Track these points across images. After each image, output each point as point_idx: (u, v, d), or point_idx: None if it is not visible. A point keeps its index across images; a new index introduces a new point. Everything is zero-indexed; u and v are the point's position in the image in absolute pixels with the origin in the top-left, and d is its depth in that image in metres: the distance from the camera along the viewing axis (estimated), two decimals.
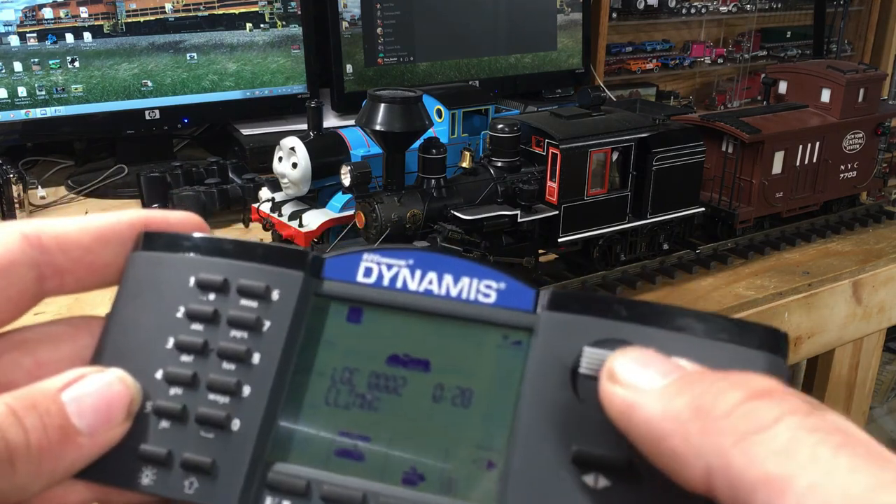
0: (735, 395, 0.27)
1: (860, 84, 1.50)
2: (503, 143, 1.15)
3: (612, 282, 1.25)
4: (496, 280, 0.36)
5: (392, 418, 0.34)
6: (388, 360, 0.35)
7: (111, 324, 0.36)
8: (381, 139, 1.08)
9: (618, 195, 1.21)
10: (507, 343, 0.35)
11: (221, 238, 0.37)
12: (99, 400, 0.32)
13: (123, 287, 0.37)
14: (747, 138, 1.37)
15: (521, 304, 0.35)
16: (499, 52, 2.00)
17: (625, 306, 0.33)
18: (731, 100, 2.71)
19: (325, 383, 0.35)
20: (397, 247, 0.36)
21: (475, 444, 0.33)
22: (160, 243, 0.37)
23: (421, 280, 0.36)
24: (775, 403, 0.26)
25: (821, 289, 1.34)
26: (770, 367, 0.31)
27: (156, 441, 0.34)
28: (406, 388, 0.34)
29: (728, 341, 0.32)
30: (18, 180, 1.45)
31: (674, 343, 0.32)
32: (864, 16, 2.98)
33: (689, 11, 2.62)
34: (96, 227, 0.36)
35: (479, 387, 0.34)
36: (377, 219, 1.07)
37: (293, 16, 1.75)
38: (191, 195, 1.43)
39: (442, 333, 0.35)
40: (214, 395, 0.34)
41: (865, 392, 1.67)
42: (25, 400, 0.31)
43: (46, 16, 1.54)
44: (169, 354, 0.35)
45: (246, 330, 0.35)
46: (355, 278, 0.36)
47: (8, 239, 0.34)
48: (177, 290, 0.36)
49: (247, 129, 1.75)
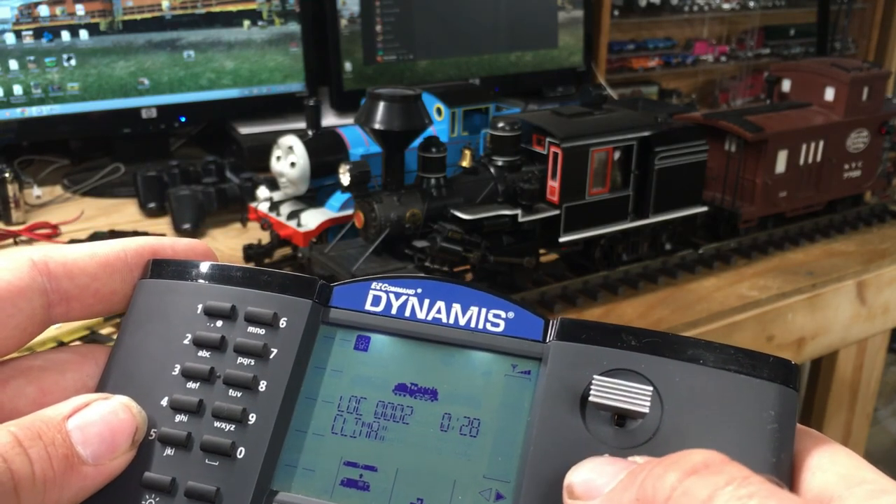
0: (671, 477, 0.27)
1: (864, 82, 1.49)
2: (504, 141, 1.14)
3: (614, 282, 1.24)
4: (505, 309, 0.36)
5: (399, 448, 0.34)
6: (395, 389, 0.35)
7: (118, 351, 0.36)
8: (380, 138, 1.07)
9: (620, 194, 1.20)
10: (516, 372, 0.35)
11: (229, 265, 0.37)
12: (104, 428, 0.32)
13: (130, 314, 0.37)
14: (750, 137, 1.36)
15: (530, 333, 0.35)
16: (499, 49, 1.98)
17: (634, 336, 0.33)
18: (734, 98, 2.70)
19: (331, 412, 0.35)
20: (406, 276, 0.37)
21: (483, 474, 0.33)
22: (168, 271, 0.37)
23: (429, 309, 0.36)
24: (711, 476, 0.27)
25: (825, 289, 1.33)
26: (781, 398, 0.31)
27: (160, 468, 0.33)
28: (413, 418, 0.34)
29: (739, 372, 0.32)
30: (14, 179, 1.44)
31: (684, 374, 0.32)
32: (867, 13, 2.97)
33: (691, 9, 2.61)
34: (103, 254, 0.37)
35: (487, 416, 0.34)
36: (376, 218, 1.06)
37: (291, 13, 1.74)
38: (188, 194, 1.42)
39: (450, 362, 0.35)
40: (220, 423, 0.34)
41: (870, 393, 1.66)
42: (30, 429, 0.31)
43: (42, 13, 1.53)
44: (175, 381, 0.35)
45: (253, 357, 0.35)
46: (363, 307, 0.36)
47: (16, 265, 0.34)
48: (184, 317, 0.36)
49: (245, 127, 1.74)
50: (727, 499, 0.26)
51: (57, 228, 1.42)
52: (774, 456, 0.30)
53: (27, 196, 1.52)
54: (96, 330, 1.01)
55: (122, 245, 0.37)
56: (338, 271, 1.07)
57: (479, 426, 0.34)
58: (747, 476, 0.27)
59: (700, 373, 0.32)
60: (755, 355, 0.32)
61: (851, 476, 0.29)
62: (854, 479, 0.29)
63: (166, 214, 1.46)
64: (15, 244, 1.36)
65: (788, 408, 0.31)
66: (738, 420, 0.30)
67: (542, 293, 1.18)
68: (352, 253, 1.11)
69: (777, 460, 0.30)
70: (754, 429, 0.31)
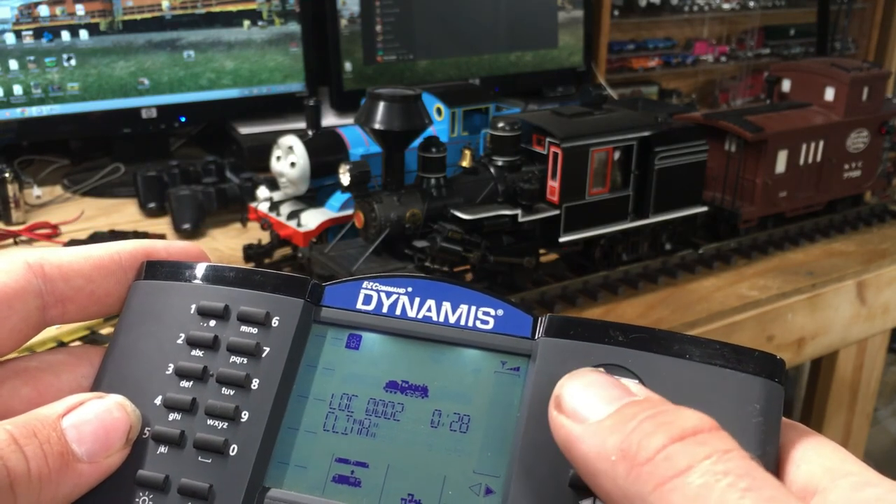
0: (659, 438, 0.27)
1: (864, 82, 1.49)
2: (504, 141, 1.14)
3: (614, 282, 1.24)
4: (494, 307, 0.36)
5: (390, 444, 0.34)
6: (386, 387, 0.35)
7: (112, 351, 0.37)
8: (380, 138, 1.07)
9: (619, 195, 1.20)
10: (505, 369, 0.35)
11: (223, 266, 0.38)
12: (98, 426, 0.33)
13: (125, 315, 0.37)
14: (750, 137, 1.36)
15: (520, 330, 0.35)
16: (499, 49, 1.98)
17: (622, 332, 0.34)
18: (734, 98, 2.70)
19: (323, 409, 0.35)
20: (397, 274, 0.37)
21: (473, 469, 0.34)
22: (162, 272, 0.38)
23: (420, 307, 0.36)
24: (694, 446, 0.27)
25: (825, 289, 1.33)
26: (766, 392, 0.32)
27: (153, 466, 0.34)
28: (404, 414, 0.35)
29: (725, 367, 0.32)
30: (14, 179, 1.44)
31: (670, 368, 0.33)
32: (867, 13, 2.97)
33: (691, 9, 2.61)
34: (98, 256, 0.37)
35: (476, 412, 0.35)
36: (376, 218, 1.06)
37: (291, 13, 1.74)
38: (188, 194, 1.42)
39: (440, 360, 0.36)
40: (213, 421, 0.34)
41: (870, 394, 1.66)
42: (26, 427, 0.31)
43: (42, 13, 1.53)
44: (168, 380, 0.35)
45: (245, 356, 0.35)
46: (355, 305, 0.37)
47: (12, 268, 0.34)
48: (178, 317, 0.36)
49: (245, 127, 1.74)
50: (703, 472, 0.26)
51: (57, 228, 1.42)
52: (760, 449, 0.31)
53: (27, 196, 1.52)
54: (96, 330, 1.01)
55: (116, 247, 0.38)
56: (338, 271, 1.07)
57: (469, 422, 0.34)
58: (728, 450, 0.27)
59: (686, 367, 0.33)
60: (741, 350, 0.33)
61: (836, 468, 0.30)
62: (839, 472, 0.29)
63: (166, 214, 1.46)
64: (15, 244, 1.36)
65: (774, 402, 0.32)
66: (723, 413, 0.30)
67: (542, 293, 1.18)
68: (352, 253, 1.11)
69: (762, 453, 0.31)
70: (740, 422, 0.31)
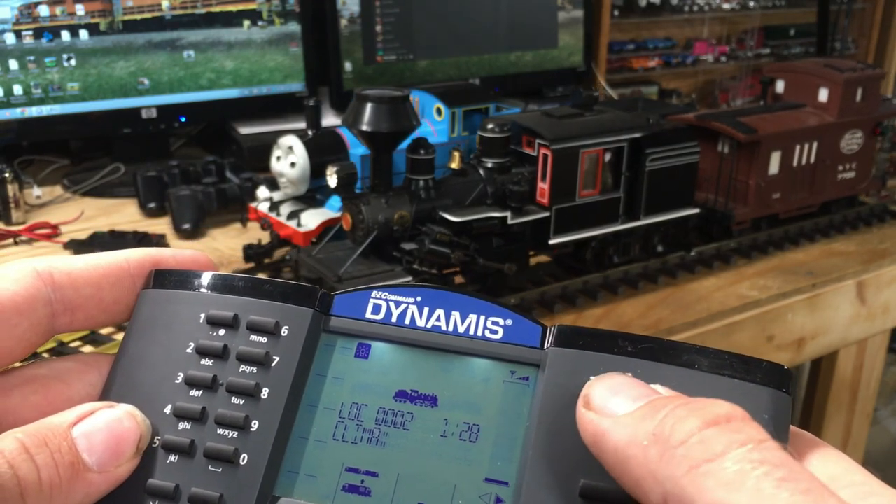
0: (692, 422, 0.27)
1: (858, 83, 1.49)
2: (493, 143, 1.13)
3: (614, 282, 1.24)
4: (503, 317, 0.36)
5: (400, 453, 0.34)
6: (395, 396, 0.36)
7: (121, 359, 0.37)
8: (367, 139, 1.07)
9: (610, 196, 1.20)
10: (515, 379, 0.35)
11: (231, 275, 0.38)
12: (109, 436, 0.33)
13: (134, 324, 0.37)
14: (743, 138, 1.36)
15: (529, 340, 0.36)
16: (499, 49, 1.99)
17: (631, 342, 0.34)
18: (734, 98, 2.69)
19: (333, 418, 0.35)
20: (406, 284, 0.38)
21: (483, 478, 0.34)
22: (170, 281, 0.38)
23: (429, 317, 0.36)
24: (729, 432, 0.27)
25: (824, 289, 1.33)
26: (775, 403, 0.32)
27: (164, 475, 0.34)
28: (414, 424, 0.35)
29: (733, 377, 0.33)
30: (14, 179, 1.45)
31: (679, 379, 0.32)
32: (867, 13, 2.96)
33: (691, 9, 2.61)
34: (106, 264, 0.37)
35: (486, 422, 0.35)
36: (364, 220, 1.06)
37: (291, 13, 1.74)
38: (188, 194, 1.42)
39: (449, 369, 0.36)
40: (223, 430, 0.34)
41: (870, 393, 1.66)
42: (37, 436, 0.31)
43: (42, 13, 1.53)
44: (178, 389, 0.35)
45: (255, 365, 0.35)
46: (364, 315, 0.37)
47: (21, 276, 0.35)
48: (187, 326, 0.37)
49: (245, 127, 1.74)
50: (739, 458, 0.26)
51: (57, 228, 1.43)
52: None
53: (27, 196, 1.52)
54: (96, 330, 1.02)
55: (125, 256, 0.38)
56: (325, 274, 1.06)
57: (479, 431, 0.34)
58: (764, 440, 0.27)
59: (694, 377, 0.33)
60: (749, 360, 0.33)
61: (841, 477, 0.30)
62: (844, 481, 0.29)
63: (166, 214, 1.46)
64: (15, 244, 1.37)
65: (782, 412, 0.32)
66: None
67: (542, 293, 1.18)
68: (340, 255, 1.10)
69: None
70: None
